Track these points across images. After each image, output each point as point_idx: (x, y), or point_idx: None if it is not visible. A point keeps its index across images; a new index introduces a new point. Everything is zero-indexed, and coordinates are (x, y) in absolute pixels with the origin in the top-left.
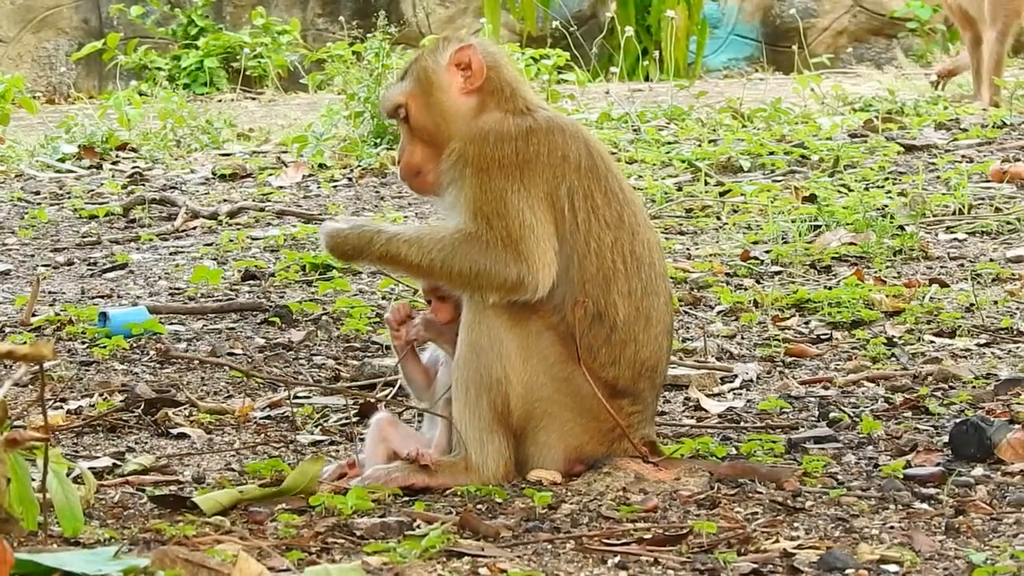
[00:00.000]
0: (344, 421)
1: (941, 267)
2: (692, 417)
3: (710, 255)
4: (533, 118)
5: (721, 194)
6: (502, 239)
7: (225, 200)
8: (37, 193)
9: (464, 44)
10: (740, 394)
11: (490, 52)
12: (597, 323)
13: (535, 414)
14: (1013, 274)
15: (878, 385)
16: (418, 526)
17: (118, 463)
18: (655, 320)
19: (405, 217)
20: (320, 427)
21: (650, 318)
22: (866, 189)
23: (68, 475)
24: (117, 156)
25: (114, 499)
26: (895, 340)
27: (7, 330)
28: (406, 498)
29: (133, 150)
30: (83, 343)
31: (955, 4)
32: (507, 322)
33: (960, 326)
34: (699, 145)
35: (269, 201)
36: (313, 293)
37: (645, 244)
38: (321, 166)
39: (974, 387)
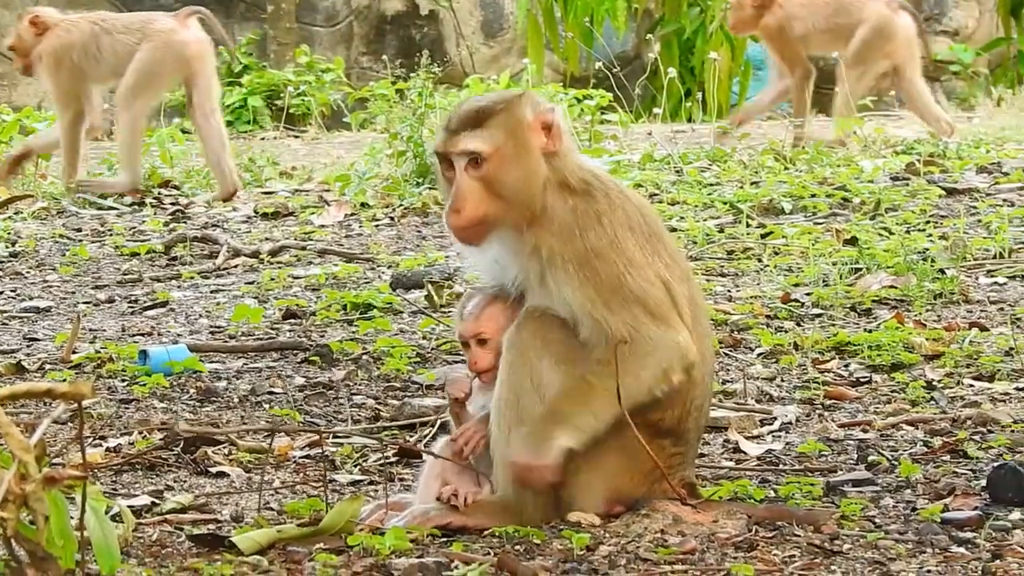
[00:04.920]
0: (383, 461)
1: (981, 311)
2: (731, 459)
3: (751, 297)
4: (592, 195)
5: (763, 236)
6: (652, 324)
7: (267, 238)
8: (79, 230)
9: (551, 106)
10: (779, 436)
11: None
12: None
13: (577, 455)
14: None
15: (917, 428)
16: (456, 567)
17: (157, 501)
18: (705, 359)
19: (447, 257)
20: (359, 466)
21: (702, 356)
22: (907, 232)
23: (106, 513)
24: (159, 193)
25: (152, 537)
26: (934, 384)
27: (47, 367)
28: (444, 538)
29: (175, 187)
30: (123, 381)
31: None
32: (551, 364)
33: (999, 370)
34: (741, 187)
35: (311, 240)
36: (354, 332)
37: (697, 289)
38: (363, 205)
39: (1013, 431)
